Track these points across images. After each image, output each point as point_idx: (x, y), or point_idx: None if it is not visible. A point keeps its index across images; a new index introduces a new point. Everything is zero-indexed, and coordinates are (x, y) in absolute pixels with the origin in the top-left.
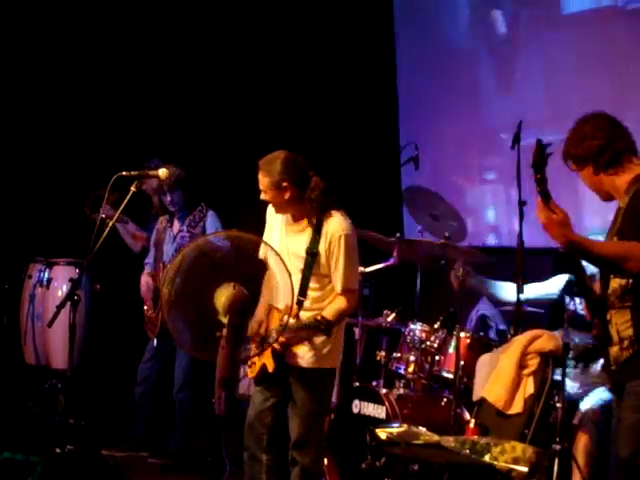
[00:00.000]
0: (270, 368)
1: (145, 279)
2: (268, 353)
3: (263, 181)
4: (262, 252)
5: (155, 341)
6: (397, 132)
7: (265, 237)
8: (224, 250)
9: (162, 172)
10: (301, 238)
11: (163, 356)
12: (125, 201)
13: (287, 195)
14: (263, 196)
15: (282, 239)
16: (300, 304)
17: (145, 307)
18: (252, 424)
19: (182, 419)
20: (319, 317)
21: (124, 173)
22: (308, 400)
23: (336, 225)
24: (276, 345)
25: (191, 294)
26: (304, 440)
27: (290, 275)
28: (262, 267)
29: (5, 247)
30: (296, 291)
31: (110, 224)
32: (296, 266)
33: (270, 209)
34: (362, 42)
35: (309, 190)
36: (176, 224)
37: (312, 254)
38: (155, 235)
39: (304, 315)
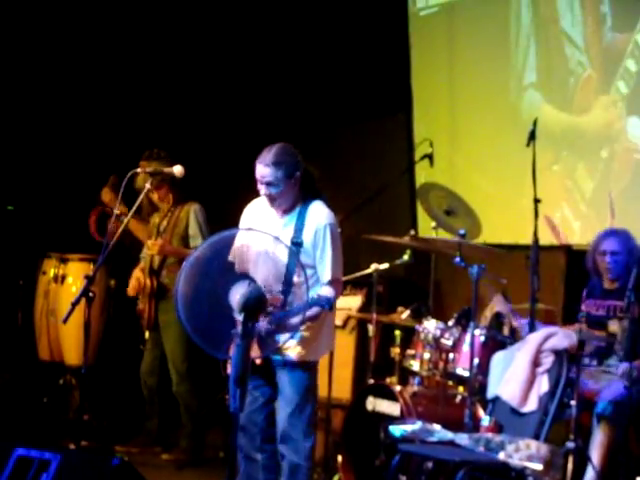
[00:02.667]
0: (258, 361)
1: (137, 275)
2: (255, 346)
3: (274, 173)
4: (232, 253)
5: (147, 334)
6: (412, 129)
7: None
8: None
9: (177, 170)
10: (287, 230)
11: (161, 348)
12: (140, 198)
13: (296, 187)
14: (266, 191)
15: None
16: (285, 294)
17: (139, 301)
18: (245, 425)
19: (188, 413)
20: (315, 296)
21: (138, 170)
22: (293, 393)
23: (320, 215)
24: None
25: (206, 292)
26: (288, 434)
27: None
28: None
29: (19, 243)
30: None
31: (125, 221)
32: (282, 259)
33: (250, 210)
34: (376, 37)
35: (311, 177)
36: (164, 219)
37: (296, 244)
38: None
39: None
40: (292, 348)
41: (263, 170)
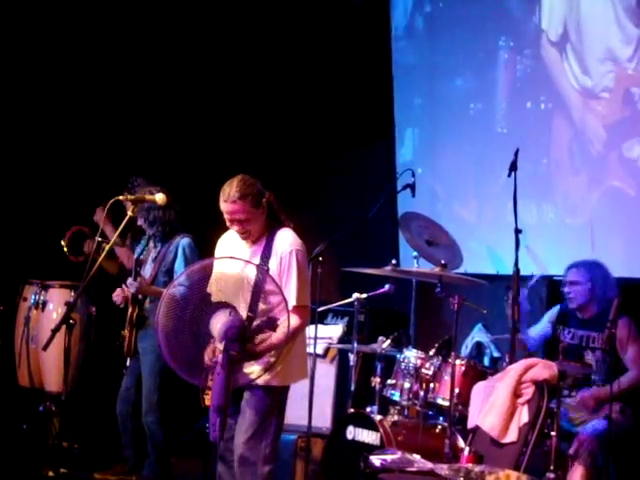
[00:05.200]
0: None
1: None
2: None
3: (243, 207)
4: (210, 287)
5: (128, 360)
6: (394, 159)
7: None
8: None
9: (159, 198)
10: (255, 259)
11: (137, 375)
12: (122, 225)
13: (265, 214)
14: (238, 227)
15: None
16: (250, 321)
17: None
18: (223, 454)
19: (153, 443)
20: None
21: (121, 198)
22: (253, 416)
23: (286, 241)
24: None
25: (187, 321)
26: (246, 458)
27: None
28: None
29: (0, 269)
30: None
31: (107, 248)
32: (248, 285)
33: (222, 243)
34: (359, 67)
35: (272, 205)
36: (151, 246)
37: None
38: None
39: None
40: (256, 372)
41: (231, 207)
